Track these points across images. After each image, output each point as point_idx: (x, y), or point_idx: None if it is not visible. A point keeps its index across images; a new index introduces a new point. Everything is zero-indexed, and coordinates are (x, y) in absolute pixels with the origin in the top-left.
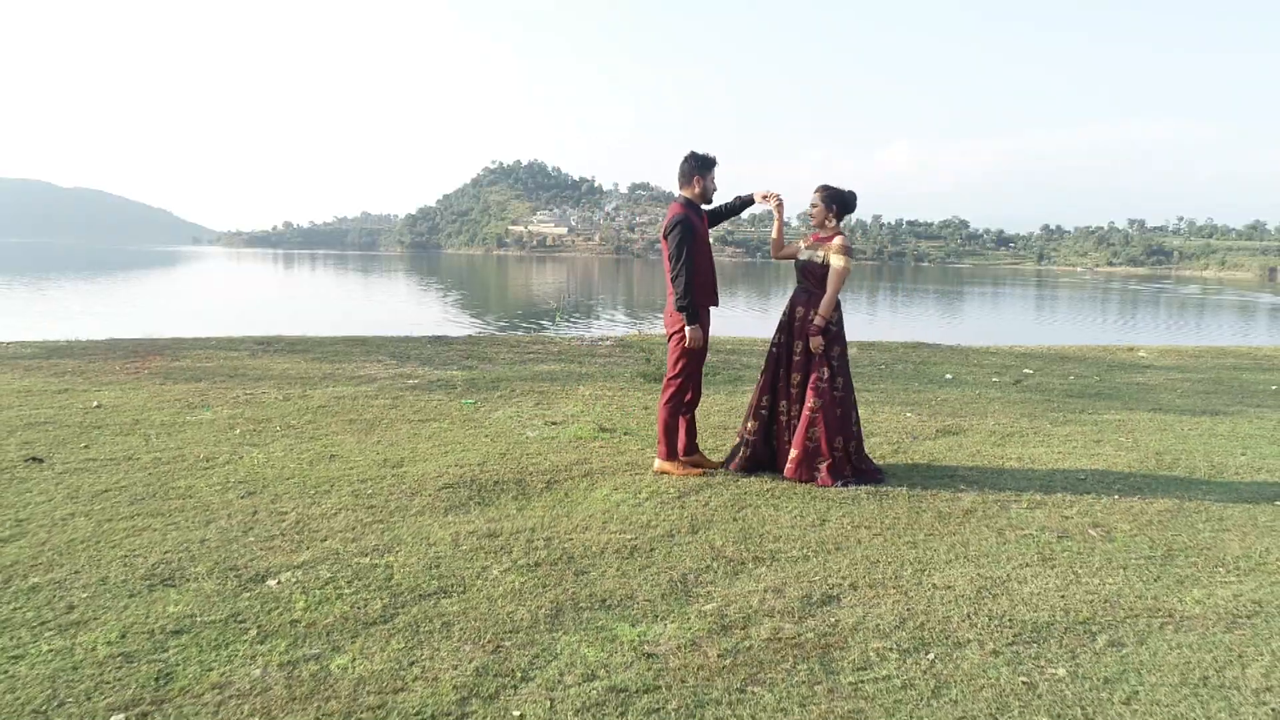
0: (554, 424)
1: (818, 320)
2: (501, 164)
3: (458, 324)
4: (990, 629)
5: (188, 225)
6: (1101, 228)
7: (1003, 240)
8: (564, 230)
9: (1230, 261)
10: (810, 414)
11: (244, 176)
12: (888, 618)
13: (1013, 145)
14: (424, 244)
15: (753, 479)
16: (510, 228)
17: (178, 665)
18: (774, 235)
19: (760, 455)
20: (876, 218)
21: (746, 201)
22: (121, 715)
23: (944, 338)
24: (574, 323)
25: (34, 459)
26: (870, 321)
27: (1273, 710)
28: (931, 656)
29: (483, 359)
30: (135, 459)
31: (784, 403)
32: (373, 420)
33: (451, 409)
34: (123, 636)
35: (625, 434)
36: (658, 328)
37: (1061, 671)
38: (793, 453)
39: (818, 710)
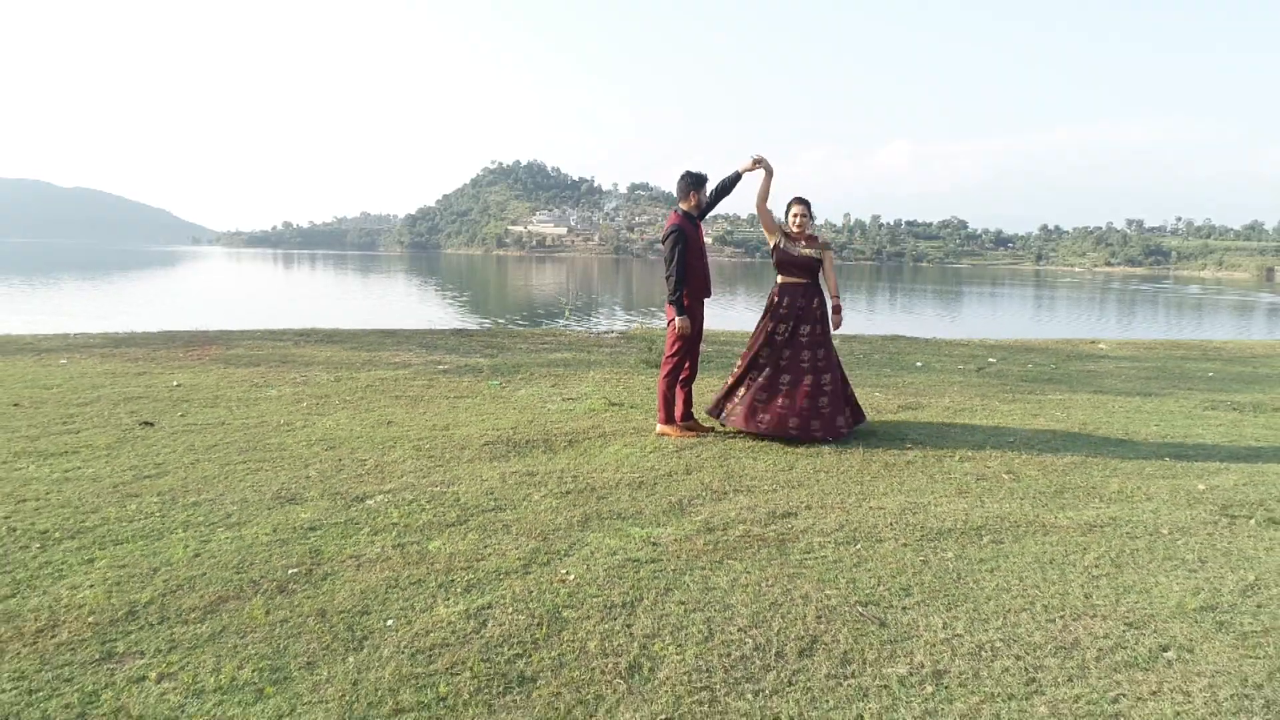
0: (570, 400)
1: (839, 303)
2: (501, 164)
3: (469, 320)
4: (905, 532)
5: (187, 225)
6: (1100, 228)
7: (1001, 240)
8: (563, 230)
9: (1228, 262)
10: (832, 383)
11: (243, 176)
12: (830, 525)
13: (1012, 145)
14: (423, 244)
15: (735, 439)
16: (510, 228)
17: (321, 546)
18: (764, 190)
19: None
20: (875, 218)
21: (736, 176)
22: (295, 569)
23: (925, 332)
24: (579, 320)
25: (146, 423)
26: (868, 318)
27: (1091, 575)
28: (858, 546)
29: (502, 349)
30: (227, 424)
31: (786, 376)
32: (416, 396)
33: (481, 388)
34: (274, 531)
35: (631, 407)
36: (657, 323)
37: (949, 555)
38: (806, 414)
39: (772, 572)
